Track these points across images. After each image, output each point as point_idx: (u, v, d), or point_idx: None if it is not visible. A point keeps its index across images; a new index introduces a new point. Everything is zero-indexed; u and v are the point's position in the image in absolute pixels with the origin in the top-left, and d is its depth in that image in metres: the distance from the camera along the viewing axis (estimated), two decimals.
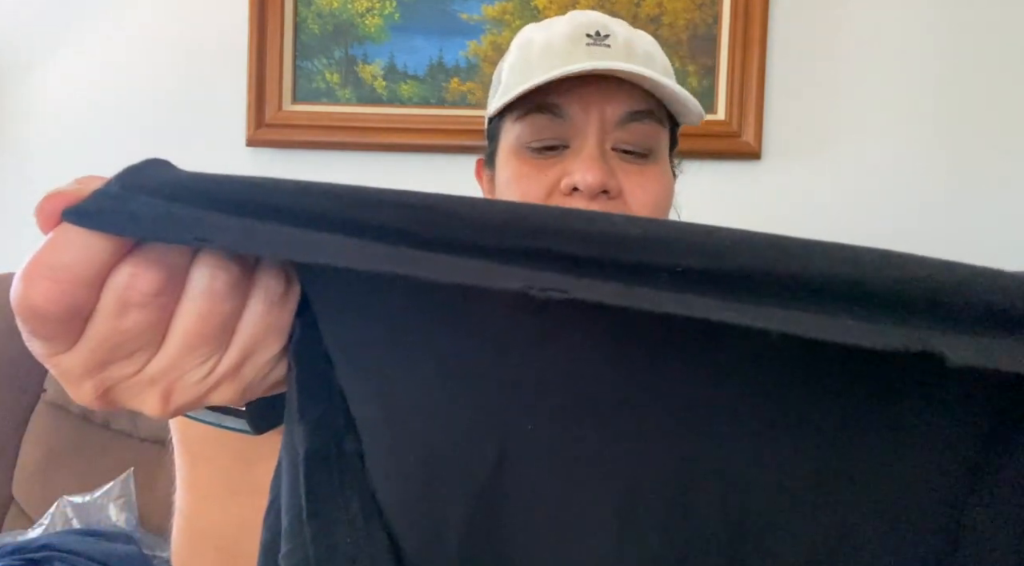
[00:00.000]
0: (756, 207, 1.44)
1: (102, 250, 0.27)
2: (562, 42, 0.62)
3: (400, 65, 1.46)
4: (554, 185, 0.61)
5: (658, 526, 0.32)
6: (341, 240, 0.28)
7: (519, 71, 0.63)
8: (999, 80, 1.42)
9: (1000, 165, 1.43)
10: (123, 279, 0.28)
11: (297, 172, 1.49)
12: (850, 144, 1.44)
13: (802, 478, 0.31)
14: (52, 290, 0.27)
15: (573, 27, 0.63)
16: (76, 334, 0.28)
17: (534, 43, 0.64)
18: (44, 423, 1.27)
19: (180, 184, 0.29)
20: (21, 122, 1.53)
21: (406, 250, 0.27)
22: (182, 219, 0.28)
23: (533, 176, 0.61)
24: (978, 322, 0.24)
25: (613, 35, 0.62)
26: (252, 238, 0.27)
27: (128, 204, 0.28)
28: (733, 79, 1.42)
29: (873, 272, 0.25)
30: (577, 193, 0.60)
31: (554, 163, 0.61)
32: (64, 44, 1.52)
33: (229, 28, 1.47)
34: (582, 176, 0.58)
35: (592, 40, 0.61)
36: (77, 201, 0.28)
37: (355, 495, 0.35)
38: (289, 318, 0.33)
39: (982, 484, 0.29)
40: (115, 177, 0.29)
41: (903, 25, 1.43)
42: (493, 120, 0.67)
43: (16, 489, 1.25)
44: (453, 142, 1.43)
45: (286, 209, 0.28)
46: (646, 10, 1.43)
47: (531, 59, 0.63)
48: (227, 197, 0.28)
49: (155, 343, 0.29)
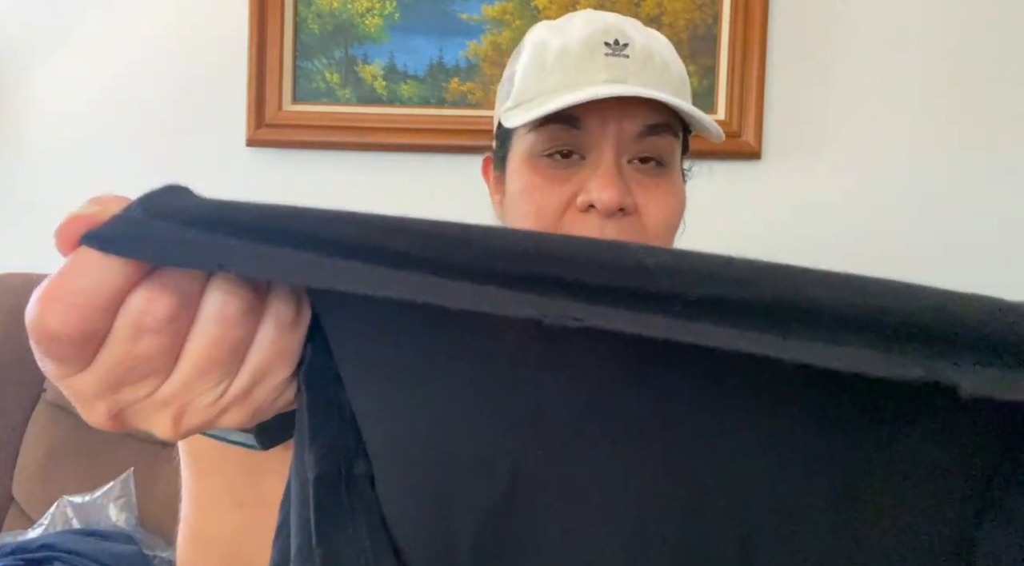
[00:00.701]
0: (756, 207, 1.44)
1: (119, 275, 0.28)
2: (579, 49, 0.60)
3: (400, 65, 1.46)
4: (570, 199, 0.60)
5: (670, 554, 0.33)
6: (357, 267, 0.28)
7: (533, 77, 0.62)
8: (999, 79, 1.42)
9: (1000, 164, 1.43)
10: (138, 305, 0.28)
11: (297, 172, 1.49)
12: (850, 144, 1.44)
13: (814, 507, 0.31)
14: (68, 314, 0.28)
15: (589, 33, 0.61)
16: (90, 356, 0.29)
17: (549, 47, 0.62)
18: (44, 423, 1.27)
19: (198, 210, 0.29)
20: (21, 122, 1.53)
21: (421, 277, 0.28)
22: (199, 244, 0.28)
23: (547, 188, 0.60)
24: (992, 354, 0.24)
25: (631, 43, 0.61)
26: (268, 264, 0.28)
27: (147, 229, 0.28)
28: (733, 79, 1.42)
29: (887, 303, 0.26)
30: (593, 210, 0.59)
31: (569, 176, 0.60)
32: (64, 44, 1.52)
33: (229, 28, 1.47)
34: (599, 194, 0.58)
35: (610, 50, 0.60)
36: (97, 225, 0.28)
37: (365, 520, 0.35)
38: (300, 341, 0.33)
39: (993, 513, 0.29)
40: (135, 202, 0.29)
41: (903, 25, 1.43)
42: (499, 126, 0.66)
43: (16, 489, 1.25)
44: (453, 142, 1.43)
45: (302, 235, 0.28)
46: (646, 10, 1.43)
47: (546, 65, 0.61)
48: (243, 223, 0.29)
49: (168, 366, 0.30)
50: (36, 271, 1.39)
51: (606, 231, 0.58)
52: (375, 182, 1.48)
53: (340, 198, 1.58)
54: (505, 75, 0.68)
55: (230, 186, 1.50)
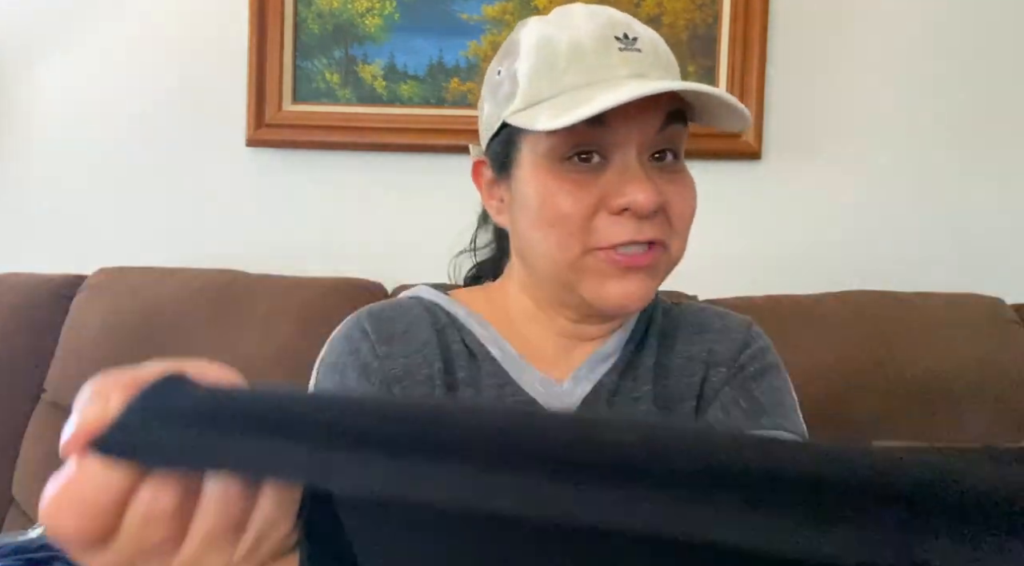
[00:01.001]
0: (756, 207, 1.44)
1: (123, 478, 0.31)
2: (593, 44, 0.59)
3: (400, 65, 1.46)
4: (598, 203, 0.59)
5: None
6: (348, 459, 0.30)
7: (545, 75, 0.59)
8: (999, 79, 1.42)
9: (1000, 164, 1.43)
10: (145, 500, 0.31)
11: (297, 172, 1.49)
12: (850, 144, 1.44)
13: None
14: (80, 520, 0.31)
15: (598, 27, 0.60)
16: (107, 542, 0.32)
17: (557, 44, 0.59)
18: (44, 423, 1.27)
19: (194, 409, 0.32)
20: (22, 122, 1.53)
21: (411, 464, 0.30)
22: (198, 449, 0.31)
23: (574, 193, 0.59)
24: (961, 521, 0.24)
25: (640, 37, 0.60)
26: (265, 465, 0.31)
27: (147, 436, 0.31)
28: (733, 79, 1.42)
29: (859, 471, 0.26)
30: (627, 212, 0.58)
31: (594, 178, 0.59)
32: (64, 44, 1.51)
33: (229, 28, 1.47)
34: (633, 197, 0.57)
35: (623, 44, 0.59)
36: (99, 433, 0.31)
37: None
38: (299, 495, 0.36)
39: None
40: (133, 404, 0.32)
41: (903, 25, 1.43)
42: (505, 126, 0.63)
43: (16, 489, 1.25)
44: (453, 142, 1.43)
45: (296, 423, 0.31)
46: (646, 10, 1.43)
47: (558, 63, 0.59)
48: (240, 415, 0.31)
49: (178, 541, 0.33)
50: (36, 271, 1.39)
51: (643, 232, 0.58)
52: (375, 182, 1.48)
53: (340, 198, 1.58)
54: (498, 75, 0.64)
55: (230, 186, 1.50)
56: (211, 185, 1.51)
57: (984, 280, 1.35)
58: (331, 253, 1.47)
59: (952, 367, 1.19)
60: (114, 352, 1.25)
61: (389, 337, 0.66)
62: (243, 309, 1.27)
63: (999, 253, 1.43)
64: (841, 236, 1.44)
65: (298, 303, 1.28)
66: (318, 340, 0.73)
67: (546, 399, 0.65)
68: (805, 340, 1.22)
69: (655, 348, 0.69)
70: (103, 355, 1.25)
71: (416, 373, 0.65)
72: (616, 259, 0.59)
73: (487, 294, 0.73)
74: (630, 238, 0.59)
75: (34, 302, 1.33)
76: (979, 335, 1.22)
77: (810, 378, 1.19)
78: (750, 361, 0.69)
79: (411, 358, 0.66)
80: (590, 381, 0.67)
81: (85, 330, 1.28)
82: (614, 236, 0.59)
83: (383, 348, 0.66)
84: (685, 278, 1.39)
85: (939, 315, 1.24)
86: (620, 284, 0.60)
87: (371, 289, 1.34)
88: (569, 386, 0.66)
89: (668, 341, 0.70)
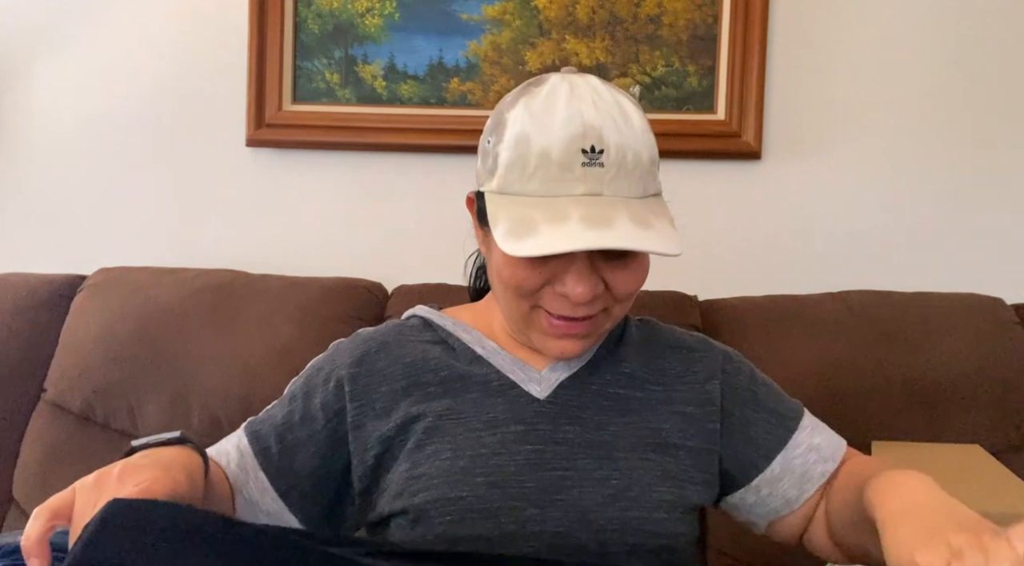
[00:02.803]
0: (756, 207, 1.44)
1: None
2: (559, 156, 0.65)
3: (400, 65, 1.46)
4: (548, 279, 0.67)
5: None
6: None
7: (516, 174, 0.66)
8: (999, 79, 1.42)
9: (1000, 163, 1.43)
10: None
11: (297, 172, 1.49)
12: (850, 144, 1.44)
13: None
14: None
15: (569, 137, 0.65)
16: None
17: (531, 146, 0.66)
18: (44, 423, 1.27)
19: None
20: (22, 123, 1.53)
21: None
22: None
23: (527, 269, 0.67)
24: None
25: (607, 149, 0.65)
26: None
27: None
28: (733, 79, 1.42)
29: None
30: (566, 298, 0.67)
31: (543, 261, 0.66)
32: (64, 45, 1.52)
33: (229, 28, 1.47)
34: (572, 290, 0.66)
35: (587, 158, 0.65)
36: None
37: None
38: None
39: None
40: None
41: (903, 25, 1.43)
42: (485, 193, 0.70)
43: (16, 489, 1.25)
44: (453, 142, 1.43)
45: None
46: (646, 10, 1.43)
47: (528, 166, 0.66)
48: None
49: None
50: (36, 271, 1.39)
51: (578, 311, 0.68)
52: (375, 182, 1.48)
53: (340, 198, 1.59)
54: (488, 144, 0.71)
55: (230, 186, 1.50)
56: (211, 185, 1.51)
57: (984, 280, 1.35)
58: (331, 253, 1.47)
59: (952, 367, 1.19)
60: (114, 352, 1.25)
61: (367, 352, 0.78)
62: (243, 309, 1.27)
63: (999, 253, 1.43)
64: (841, 236, 1.44)
65: (298, 303, 1.28)
66: (318, 340, 0.74)
67: (526, 383, 0.75)
68: (804, 340, 1.22)
69: (632, 351, 0.79)
70: (103, 355, 1.25)
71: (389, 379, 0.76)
72: (555, 324, 0.69)
73: (474, 310, 0.83)
74: (568, 314, 0.68)
75: (34, 302, 1.33)
76: (979, 335, 1.22)
77: (809, 378, 1.19)
78: (736, 365, 0.81)
79: (390, 368, 0.76)
80: (567, 369, 0.76)
81: (85, 330, 1.28)
82: (554, 309, 0.69)
83: (357, 368, 0.76)
84: (685, 278, 1.39)
85: (939, 315, 1.24)
86: (558, 343, 0.71)
87: (371, 289, 1.34)
88: (547, 373, 0.76)
89: (644, 350, 0.80)
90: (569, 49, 1.44)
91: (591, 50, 1.43)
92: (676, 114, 1.42)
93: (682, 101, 1.43)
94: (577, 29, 1.44)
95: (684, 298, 1.30)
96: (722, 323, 1.26)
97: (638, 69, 1.44)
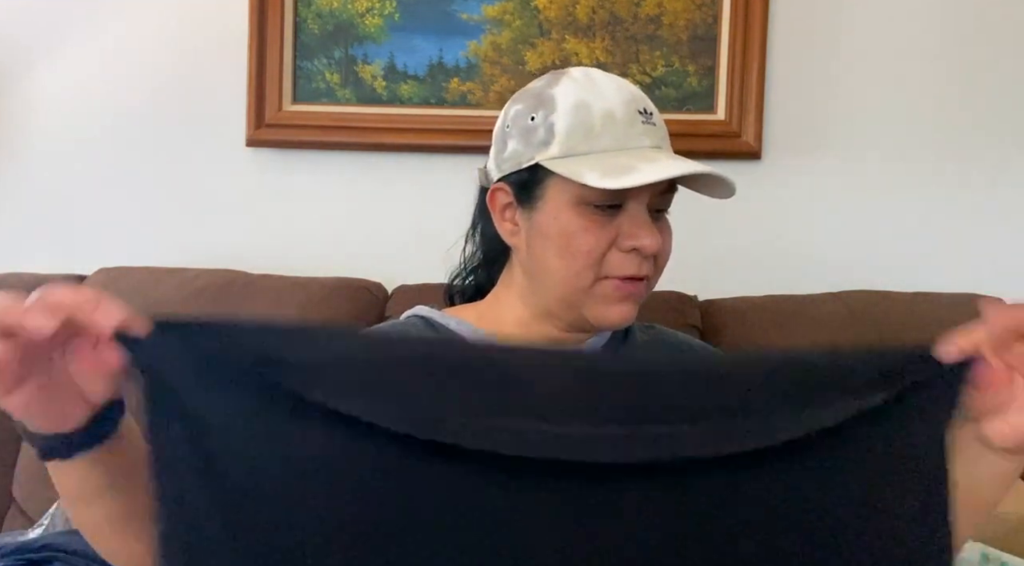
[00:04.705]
0: (756, 207, 1.44)
1: None
2: (622, 115, 0.72)
3: (400, 65, 1.46)
4: (611, 241, 0.72)
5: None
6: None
7: (582, 135, 0.71)
8: (999, 79, 1.42)
9: (1000, 163, 1.43)
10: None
11: (297, 172, 1.49)
12: (850, 144, 1.44)
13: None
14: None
15: (625, 100, 0.73)
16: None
17: (593, 110, 0.72)
18: None
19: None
20: (21, 123, 1.53)
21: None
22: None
23: (595, 231, 0.71)
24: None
25: (653, 113, 0.74)
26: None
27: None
28: (733, 79, 1.42)
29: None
30: (635, 252, 0.72)
31: (610, 220, 0.71)
32: (64, 44, 1.52)
33: (229, 28, 1.47)
34: (643, 242, 0.71)
35: (644, 118, 0.73)
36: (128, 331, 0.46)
37: None
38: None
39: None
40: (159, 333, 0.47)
41: (903, 25, 1.43)
42: (533, 167, 0.73)
43: (16, 489, 1.25)
44: (453, 142, 1.43)
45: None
46: (646, 10, 1.43)
47: (594, 126, 0.71)
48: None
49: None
50: (36, 271, 1.38)
51: (643, 269, 0.72)
52: (375, 182, 1.48)
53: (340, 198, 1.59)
54: (531, 121, 0.74)
55: (230, 186, 1.50)
56: (211, 185, 1.51)
57: (984, 280, 1.34)
58: (331, 253, 1.47)
59: None
60: None
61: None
62: (243, 309, 1.27)
63: (999, 253, 1.43)
64: (841, 236, 1.44)
65: (298, 303, 1.28)
66: None
67: None
68: (805, 340, 1.22)
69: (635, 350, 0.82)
70: None
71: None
72: (623, 287, 0.73)
73: (477, 309, 0.83)
74: (635, 273, 0.72)
75: None
76: None
77: None
78: None
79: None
80: None
81: None
82: (624, 269, 0.72)
83: None
84: (685, 278, 1.39)
85: (939, 315, 1.24)
86: (620, 307, 0.73)
87: (371, 289, 1.34)
88: None
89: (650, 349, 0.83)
90: (569, 49, 1.44)
91: (591, 50, 1.43)
92: (676, 114, 1.42)
93: (682, 101, 1.43)
94: (577, 29, 1.44)
95: (684, 298, 1.30)
96: (722, 323, 1.26)
97: (638, 69, 1.44)
